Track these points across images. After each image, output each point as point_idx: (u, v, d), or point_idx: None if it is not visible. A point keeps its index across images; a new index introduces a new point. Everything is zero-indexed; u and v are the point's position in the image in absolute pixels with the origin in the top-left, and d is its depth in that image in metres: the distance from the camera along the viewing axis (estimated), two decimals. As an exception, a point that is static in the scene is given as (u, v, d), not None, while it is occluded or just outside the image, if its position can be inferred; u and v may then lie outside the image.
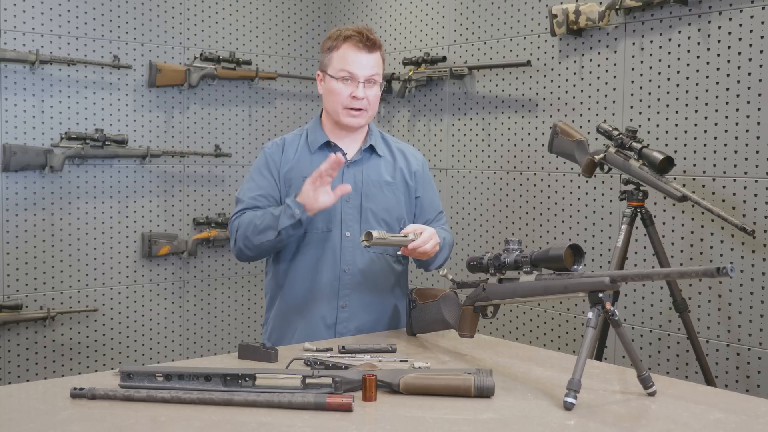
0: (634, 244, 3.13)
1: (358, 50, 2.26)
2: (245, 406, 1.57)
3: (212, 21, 4.31)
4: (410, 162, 2.42)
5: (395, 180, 2.37)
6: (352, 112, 2.28)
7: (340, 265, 2.28)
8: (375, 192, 2.33)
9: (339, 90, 2.26)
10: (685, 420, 1.55)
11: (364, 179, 2.32)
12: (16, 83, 3.74)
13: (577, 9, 3.28)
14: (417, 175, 2.41)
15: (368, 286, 2.31)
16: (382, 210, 2.33)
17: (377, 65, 2.30)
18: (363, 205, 2.31)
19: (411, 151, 2.46)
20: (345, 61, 2.26)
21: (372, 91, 2.29)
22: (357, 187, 2.30)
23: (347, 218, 2.29)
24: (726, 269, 1.42)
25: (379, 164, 2.37)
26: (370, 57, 2.28)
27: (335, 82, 2.27)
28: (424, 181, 2.43)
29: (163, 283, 4.21)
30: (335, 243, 2.27)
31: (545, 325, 3.56)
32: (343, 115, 2.28)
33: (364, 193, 2.31)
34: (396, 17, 4.27)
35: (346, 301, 2.28)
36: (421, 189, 2.42)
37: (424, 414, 1.55)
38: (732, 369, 2.95)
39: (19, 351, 3.81)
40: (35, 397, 1.64)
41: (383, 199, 2.33)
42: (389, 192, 2.35)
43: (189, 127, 4.23)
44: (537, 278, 1.80)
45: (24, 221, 3.79)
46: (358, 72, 2.26)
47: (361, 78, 2.26)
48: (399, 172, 2.38)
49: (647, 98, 3.17)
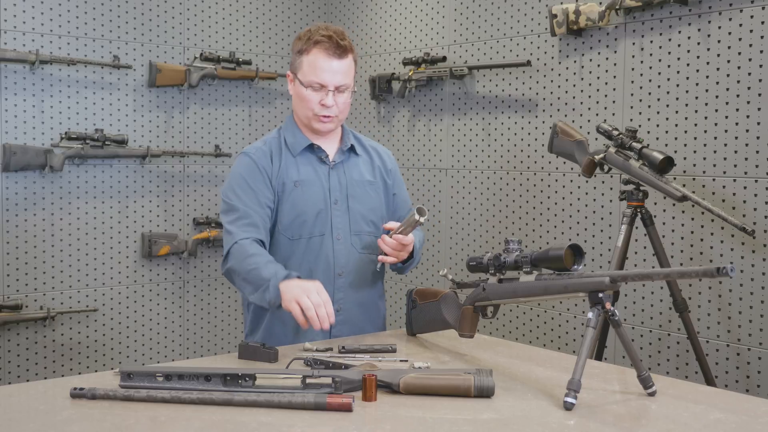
0: (634, 244, 3.13)
1: (328, 57, 2.20)
2: (245, 406, 1.57)
3: (212, 21, 4.31)
4: (385, 160, 2.42)
5: (376, 179, 2.37)
6: (322, 118, 2.24)
7: (334, 269, 2.26)
8: (359, 192, 2.32)
9: (309, 97, 2.22)
10: (685, 420, 1.55)
11: (348, 180, 2.31)
12: (16, 83, 3.74)
13: (577, 9, 3.28)
14: (392, 173, 2.42)
15: (359, 288, 2.31)
16: (369, 210, 2.32)
17: (348, 71, 2.24)
18: (350, 206, 2.29)
19: (383, 149, 2.46)
20: (314, 69, 2.20)
21: (342, 97, 2.24)
22: (342, 189, 2.29)
23: (337, 221, 2.27)
24: (726, 269, 1.42)
25: (359, 164, 2.35)
26: (341, 63, 2.21)
27: (305, 90, 2.23)
28: (397, 178, 2.43)
29: (163, 283, 4.21)
30: (328, 248, 2.26)
31: (545, 325, 3.56)
32: (313, 121, 2.25)
33: (349, 194, 2.30)
34: (396, 17, 4.27)
35: (340, 304, 2.25)
36: (396, 186, 2.42)
37: (424, 414, 1.55)
38: (732, 369, 2.95)
39: (19, 351, 3.81)
40: (35, 397, 1.64)
41: (368, 199, 2.33)
42: (372, 191, 2.35)
43: (189, 127, 4.23)
44: (537, 278, 1.80)
45: (24, 221, 3.79)
46: (327, 80, 2.20)
47: (331, 87, 2.21)
48: (378, 170, 2.38)
49: (647, 98, 3.17)
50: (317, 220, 2.24)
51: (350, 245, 2.28)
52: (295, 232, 2.24)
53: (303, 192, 2.25)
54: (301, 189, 2.25)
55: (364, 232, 2.31)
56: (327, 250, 2.25)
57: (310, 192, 2.25)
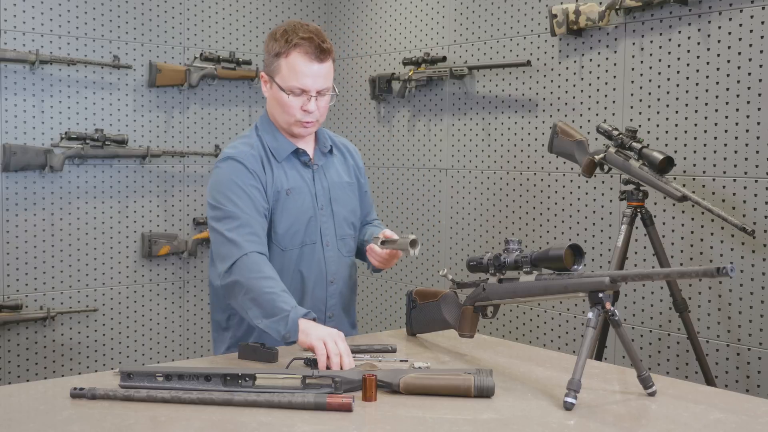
0: (634, 244, 3.13)
1: (309, 61, 2.08)
2: (245, 406, 1.57)
3: (212, 21, 4.31)
4: (356, 158, 2.36)
5: (352, 179, 2.31)
6: (304, 123, 2.13)
7: (326, 277, 2.20)
8: (341, 195, 2.25)
9: (290, 103, 2.10)
10: (685, 420, 1.55)
11: (329, 183, 2.23)
12: (16, 83, 3.74)
13: (577, 9, 3.28)
14: (362, 170, 2.37)
15: (347, 292, 2.27)
16: (350, 212, 2.27)
17: (329, 73, 2.12)
18: (334, 210, 2.22)
19: (351, 146, 2.38)
20: (295, 74, 2.08)
21: (323, 100, 2.14)
22: (326, 193, 2.21)
23: (324, 227, 2.20)
24: (726, 269, 1.42)
25: (336, 164, 2.28)
26: (322, 67, 2.10)
27: (284, 96, 2.10)
28: (365, 176, 2.38)
29: (163, 283, 4.21)
30: (320, 255, 2.18)
31: (545, 325, 3.56)
32: (294, 127, 2.14)
33: (332, 198, 2.22)
34: (396, 17, 4.27)
35: (332, 311, 2.22)
36: (365, 184, 2.37)
37: (424, 414, 1.55)
38: (732, 369, 2.95)
39: (19, 351, 3.81)
40: (35, 397, 1.64)
41: (349, 201, 2.27)
42: (351, 192, 2.29)
43: (189, 127, 4.23)
44: (537, 278, 1.80)
45: (24, 221, 3.79)
46: (309, 85, 2.08)
47: (313, 91, 2.09)
48: (352, 170, 2.32)
49: (647, 98, 3.17)
50: (308, 228, 2.16)
51: (338, 251, 2.22)
52: (288, 242, 2.14)
53: (295, 200, 2.15)
54: (293, 197, 2.15)
55: (348, 236, 2.26)
56: (319, 258, 2.18)
57: (300, 199, 2.16)
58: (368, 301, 4.42)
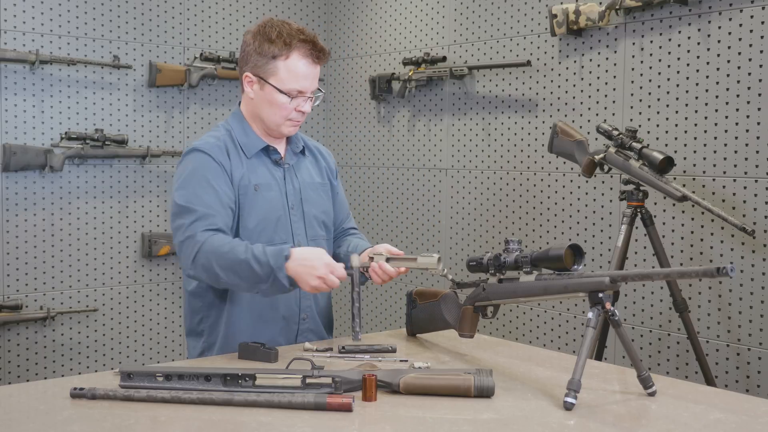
0: (634, 244, 3.13)
1: (311, 63, 2.10)
2: (245, 406, 1.57)
3: (212, 21, 4.31)
4: (329, 161, 2.35)
5: (324, 180, 2.30)
6: (295, 122, 2.15)
7: None
8: (312, 195, 2.23)
9: (285, 104, 2.10)
10: (685, 420, 1.55)
11: (301, 183, 2.22)
12: (16, 83, 3.74)
13: (577, 9, 3.28)
14: (334, 173, 2.36)
15: (320, 295, 2.23)
16: (322, 213, 2.25)
17: (319, 74, 2.16)
18: (305, 210, 2.21)
19: (324, 149, 2.38)
20: (296, 76, 2.08)
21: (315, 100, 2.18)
22: (296, 193, 2.19)
23: (295, 228, 2.17)
24: (726, 269, 1.42)
25: (308, 165, 2.27)
26: (317, 69, 2.13)
27: (281, 96, 2.09)
28: (337, 178, 2.37)
29: (163, 283, 4.21)
30: None
31: (545, 325, 3.56)
32: (285, 127, 2.14)
33: (303, 198, 2.21)
34: (396, 17, 4.27)
35: (306, 312, 2.20)
36: (338, 187, 2.36)
37: (424, 414, 1.55)
38: (732, 369, 2.95)
39: (19, 351, 3.81)
40: (35, 397, 1.64)
41: (320, 202, 2.26)
42: (323, 193, 2.28)
43: (189, 127, 4.23)
44: (537, 278, 1.80)
45: (24, 221, 3.79)
46: (307, 87, 2.11)
47: (309, 93, 2.12)
48: (324, 171, 2.31)
49: (647, 98, 3.17)
50: (278, 227, 2.13)
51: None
52: (257, 239, 2.07)
53: (264, 196, 2.13)
54: (262, 193, 2.12)
55: (320, 236, 2.23)
56: None
57: (269, 196, 2.14)
58: (368, 301, 4.42)
